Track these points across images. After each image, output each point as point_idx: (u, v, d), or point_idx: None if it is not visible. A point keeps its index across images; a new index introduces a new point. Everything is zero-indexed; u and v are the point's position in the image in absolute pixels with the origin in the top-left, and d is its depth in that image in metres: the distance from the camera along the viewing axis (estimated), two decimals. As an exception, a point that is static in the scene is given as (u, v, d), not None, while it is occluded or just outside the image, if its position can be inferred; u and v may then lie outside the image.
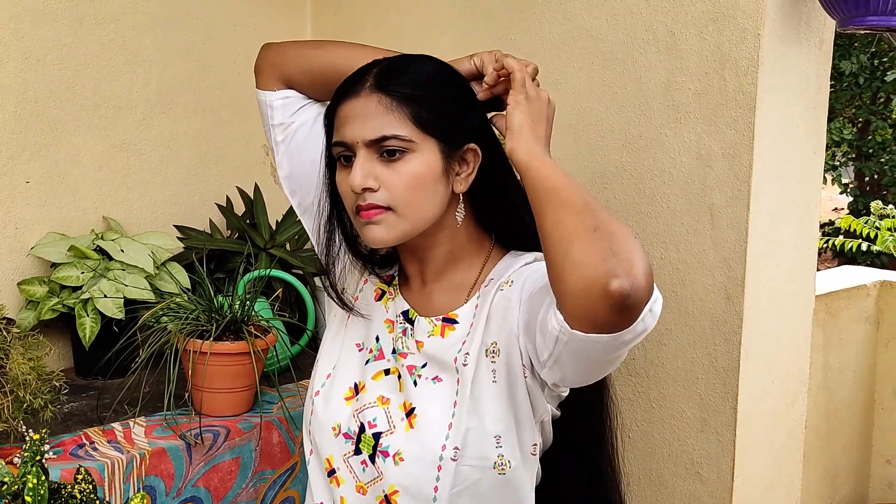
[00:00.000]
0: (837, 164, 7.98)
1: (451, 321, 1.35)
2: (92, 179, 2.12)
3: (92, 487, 1.25)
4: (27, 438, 1.28)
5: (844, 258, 6.31)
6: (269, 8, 2.39)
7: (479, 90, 1.35)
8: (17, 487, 1.20)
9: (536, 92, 1.28)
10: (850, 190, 7.92)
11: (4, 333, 1.57)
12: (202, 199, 2.31)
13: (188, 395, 1.71)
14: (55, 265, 1.95)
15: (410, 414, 1.32)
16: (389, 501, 1.31)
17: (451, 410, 1.29)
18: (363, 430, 1.34)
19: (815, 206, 1.80)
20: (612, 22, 1.79)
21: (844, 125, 7.63)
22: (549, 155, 1.23)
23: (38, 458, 1.23)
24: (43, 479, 1.20)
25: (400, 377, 1.36)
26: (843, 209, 9.11)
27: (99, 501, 1.26)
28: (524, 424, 1.30)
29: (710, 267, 1.70)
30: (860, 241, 3.18)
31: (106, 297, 1.89)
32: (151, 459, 1.57)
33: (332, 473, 1.38)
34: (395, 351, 1.39)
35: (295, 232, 2.22)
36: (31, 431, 1.48)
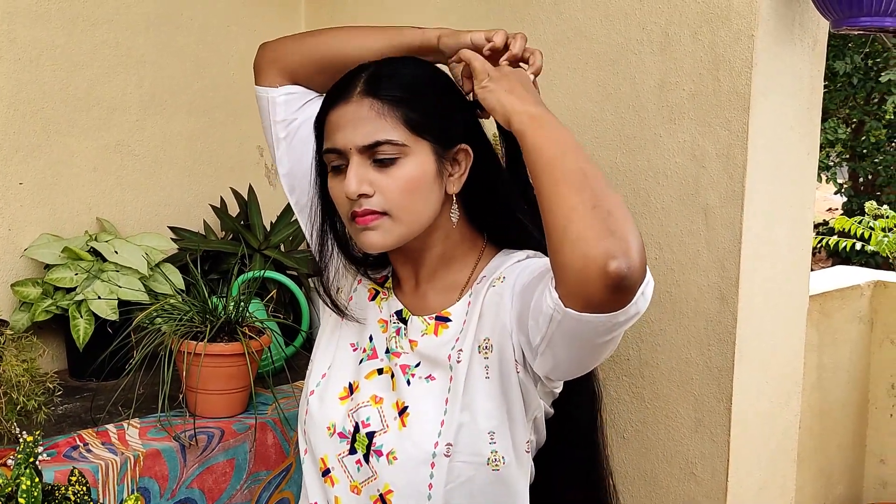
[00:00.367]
0: (832, 164, 8.00)
1: (444, 319, 1.35)
2: (85, 181, 2.11)
3: (86, 489, 1.25)
4: (21, 440, 1.27)
5: (838, 258, 6.32)
6: (263, 8, 2.39)
7: (465, 90, 1.35)
8: (10, 489, 1.20)
9: (497, 70, 1.28)
10: (844, 190, 7.94)
11: (-2, 335, 1.57)
12: (196, 200, 2.31)
13: (182, 396, 1.71)
14: (49, 266, 1.95)
15: (403, 413, 1.32)
16: (384, 501, 1.31)
17: (443, 408, 1.30)
18: (357, 429, 1.35)
19: (809, 206, 1.81)
20: (606, 23, 1.80)
21: (838, 125, 7.64)
22: (544, 110, 1.22)
23: (31, 459, 1.23)
24: (37, 480, 1.20)
25: (393, 376, 1.36)
26: (837, 209, 9.13)
27: (93, 503, 1.26)
28: (517, 421, 1.30)
29: (704, 267, 1.70)
30: (854, 241, 3.19)
31: (100, 298, 1.88)
32: (145, 461, 1.57)
33: (326, 473, 1.38)
34: (388, 350, 1.39)
35: (289, 233, 2.22)
36: (24, 433, 1.48)
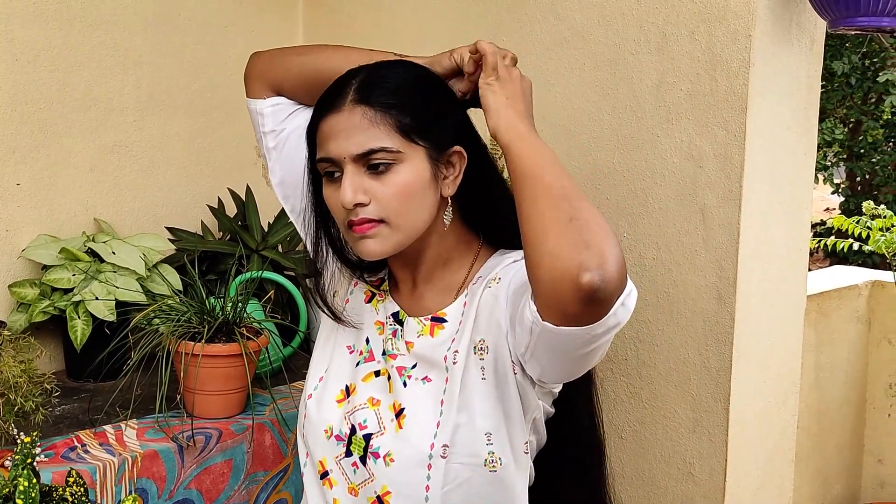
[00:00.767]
0: (829, 164, 8.00)
1: (439, 320, 1.35)
2: (83, 181, 2.11)
3: (83, 490, 1.25)
4: (18, 441, 1.27)
5: (836, 258, 6.33)
6: (260, 9, 2.39)
7: (458, 88, 1.35)
8: (8, 490, 1.20)
9: (507, 72, 1.28)
10: (841, 190, 7.94)
11: (-5, 336, 1.57)
12: (194, 200, 2.31)
13: (180, 397, 1.71)
14: (46, 267, 1.95)
15: (400, 415, 1.32)
16: (382, 502, 1.31)
17: (438, 409, 1.30)
18: (354, 431, 1.35)
19: (806, 206, 1.81)
20: (603, 23, 1.79)
21: (836, 125, 7.65)
22: (533, 130, 1.23)
23: (29, 460, 1.23)
24: (34, 481, 1.20)
25: (390, 378, 1.36)
26: (834, 209, 9.13)
27: (90, 504, 1.26)
28: (515, 422, 1.30)
29: (701, 267, 1.70)
30: (852, 241, 3.19)
31: (97, 299, 1.88)
32: (143, 462, 1.57)
33: (324, 476, 1.38)
34: (384, 352, 1.39)
35: (287, 234, 2.22)
36: (22, 434, 1.48)
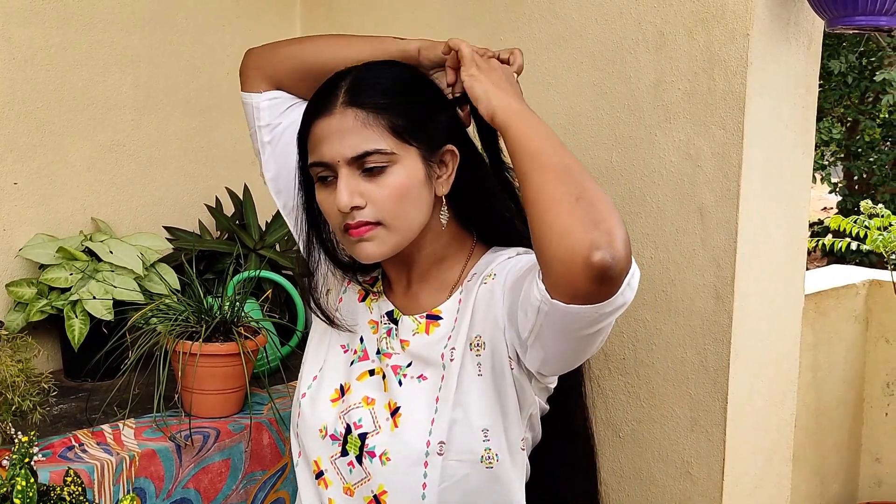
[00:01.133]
0: (826, 163, 8.00)
1: (435, 318, 1.35)
2: (80, 180, 2.11)
3: (81, 490, 1.25)
4: (16, 441, 1.27)
5: (834, 257, 6.33)
6: (258, 8, 2.38)
7: (445, 87, 1.35)
8: (5, 490, 1.20)
9: (486, 62, 1.29)
10: (838, 189, 7.94)
11: (-8, 335, 1.57)
12: (191, 199, 2.31)
13: (178, 396, 1.71)
14: (43, 267, 1.94)
15: (395, 413, 1.32)
16: (378, 501, 1.31)
17: (434, 406, 1.30)
18: (349, 431, 1.35)
19: (804, 205, 1.81)
20: (601, 22, 1.80)
21: (833, 125, 7.65)
22: (528, 107, 1.23)
23: (26, 460, 1.23)
24: (32, 481, 1.20)
25: (384, 377, 1.36)
26: (832, 208, 9.13)
27: (88, 504, 1.26)
28: (511, 418, 1.31)
29: (699, 266, 1.70)
30: (849, 240, 3.19)
31: (95, 298, 1.88)
32: (141, 461, 1.57)
33: (319, 476, 1.38)
34: (379, 351, 1.39)
35: (285, 233, 2.22)
36: (19, 434, 1.47)
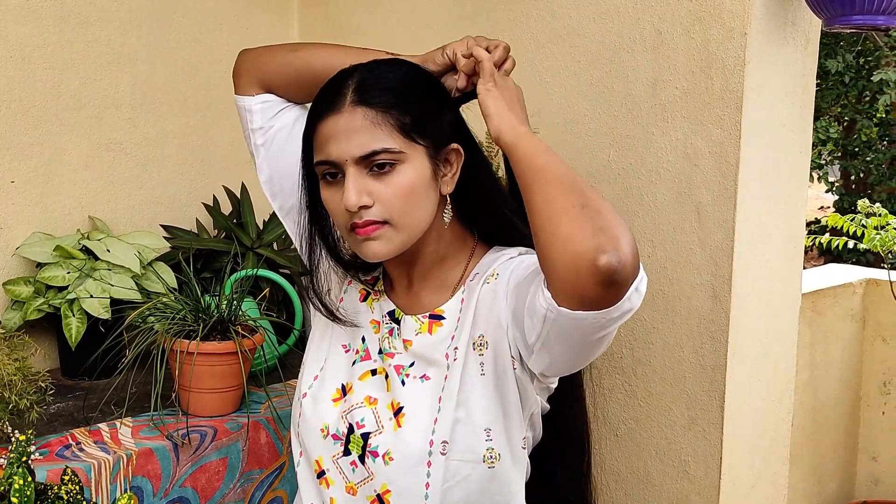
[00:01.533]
0: (823, 162, 8.00)
1: (437, 317, 1.35)
2: (77, 179, 2.11)
3: (79, 488, 1.25)
4: (13, 439, 1.27)
5: (831, 256, 6.34)
6: (256, 6, 2.38)
7: (450, 85, 1.35)
8: (3, 488, 1.19)
9: (503, 80, 1.30)
10: (835, 188, 7.95)
11: (-11, 334, 1.56)
12: (189, 198, 2.30)
13: (175, 395, 1.70)
14: (41, 265, 1.94)
15: (398, 413, 1.32)
16: (382, 501, 1.31)
17: (437, 406, 1.30)
18: (352, 430, 1.35)
19: (801, 204, 1.81)
20: (598, 21, 1.79)
21: (830, 124, 7.65)
22: (531, 131, 1.24)
23: (24, 459, 1.22)
24: (29, 480, 1.19)
25: (387, 377, 1.36)
26: (829, 207, 9.14)
27: (86, 502, 1.25)
28: (513, 417, 1.31)
29: (697, 266, 1.70)
30: (846, 239, 3.19)
31: (92, 297, 1.88)
32: (138, 460, 1.57)
33: (321, 475, 1.38)
34: (381, 351, 1.39)
35: (282, 231, 2.21)
36: (16, 432, 1.47)
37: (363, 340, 1.41)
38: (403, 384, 1.34)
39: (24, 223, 2.03)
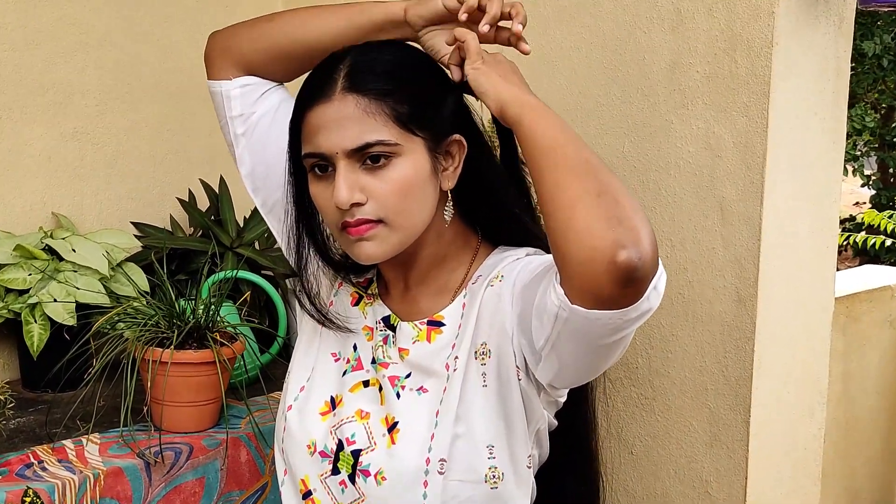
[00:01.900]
0: (859, 153, 8.01)
1: (436, 324, 1.35)
2: (40, 172, 2.11)
3: (41, 511, 1.25)
4: (-31, 458, 1.27)
5: (867, 256, 6.34)
6: (236, -18, 2.38)
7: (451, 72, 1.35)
8: (-43, 512, 1.19)
9: (491, 56, 1.30)
10: (872, 182, 7.95)
11: (-57, 342, 1.56)
12: (162, 193, 2.31)
13: (147, 409, 1.70)
14: (0, 266, 1.94)
15: (393, 429, 1.32)
16: (374, 524, 1.31)
17: (434, 420, 1.29)
18: (341, 447, 1.34)
19: (834, 199, 1.81)
20: (612, -2, 1.80)
21: (866, 111, 7.65)
22: (537, 98, 1.24)
23: (-20, 479, 1.22)
24: (-14, 502, 1.19)
25: (381, 389, 1.36)
26: (864, 203, 9.14)
27: (48, 527, 1.25)
28: (517, 433, 1.31)
29: (719, 267, 1.70)
30: (884, 237, 3.19)
31: (56, 301, 1.88)
32: (107, 480, 1.57)
33: (307, 495, 1.38)
34: (374, 361, 1.39)
35: (264, 230, 2.21)
36: (-27, 450, 1.47)
37: (355, 348, 1.41)
38: (399, 397, 1.33)
39: (-19, 220, 2.03)
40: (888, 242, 3.13)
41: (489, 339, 1.29)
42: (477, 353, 1.30)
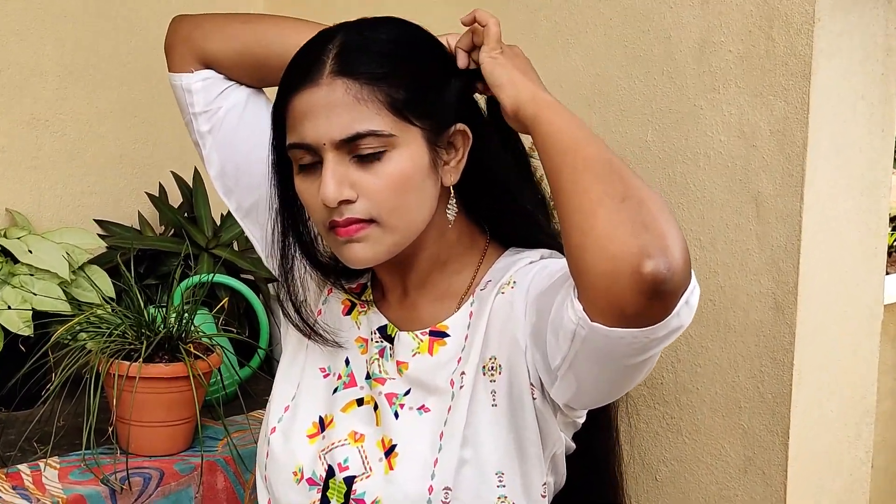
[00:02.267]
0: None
1: (440, 335, 1.35)
2: (-7, 163, 2.10)
3: (-8, 546, 1.23)
4: (-90, 486, 1.25)
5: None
6: (211, -47, 2.37)
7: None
8: None
9: (510, 48, 1.31)
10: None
11: None
12: (129, 187, 2.31)
13: (112, 429, 1.70)
14: (-53, 269, 1.93)
15: (390, 453, 1.31)
16: (369, 561, 1.31)
17: (438, 443, 1.29)
18: (332, 473, 1.34)
19: (883, 195, 1.81)
20: (634, -31, 1.80)
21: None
22: (554, 97, 1.24)
23: (-77, 510, 1.20)
24: (-70, 536, 1.18)
25: (377, 408, 1.36)
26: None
27: (0, 564, 1.24)
28: (531, 458, 1.30)
29: (755, 270, 1.71)
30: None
31: (10, 308, 1.87)
32: (67, 510, 1.57)
33: (294, 529, 1.37)
34: (369, 376, 1.38)
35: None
36: (-85, 476, 1.46)
37: (347, 363, 1.41)
38: (397, 417, 1.33)
39: (-74, 218, 2.02)
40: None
41: (499, 352, 1.29)
42: (486, 368, 1.30)
